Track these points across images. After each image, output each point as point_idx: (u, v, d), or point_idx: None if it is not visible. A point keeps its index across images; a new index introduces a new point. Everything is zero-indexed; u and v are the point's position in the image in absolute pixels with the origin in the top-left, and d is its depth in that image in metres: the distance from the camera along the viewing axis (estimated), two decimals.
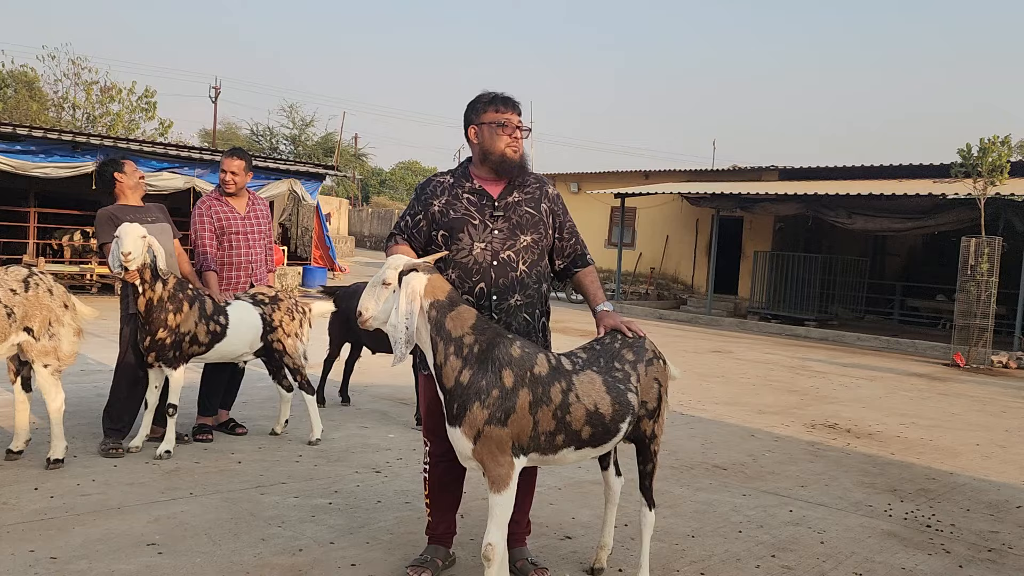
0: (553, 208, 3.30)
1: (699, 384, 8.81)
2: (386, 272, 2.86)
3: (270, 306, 5.17)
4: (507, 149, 3.15)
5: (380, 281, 2.87)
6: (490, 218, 3.16)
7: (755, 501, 4.63)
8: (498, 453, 2.78)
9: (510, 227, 3.16)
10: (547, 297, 3.34)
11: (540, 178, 3.33)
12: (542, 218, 3.23)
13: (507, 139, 3.14)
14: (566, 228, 3.34)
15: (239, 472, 4.55)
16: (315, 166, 18.16)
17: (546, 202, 3.27)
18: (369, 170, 51.29)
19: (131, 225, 4.47)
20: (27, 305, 4.17)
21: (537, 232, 3.21)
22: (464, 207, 3.17)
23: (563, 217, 3.33)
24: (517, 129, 3.17)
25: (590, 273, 3.38)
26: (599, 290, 3.32)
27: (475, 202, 3.18)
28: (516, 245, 3.16)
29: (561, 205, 3.35)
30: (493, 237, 3.14)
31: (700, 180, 20.18)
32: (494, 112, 3.15)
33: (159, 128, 28.81)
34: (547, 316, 3.37)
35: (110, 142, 14.06)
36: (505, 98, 3.18)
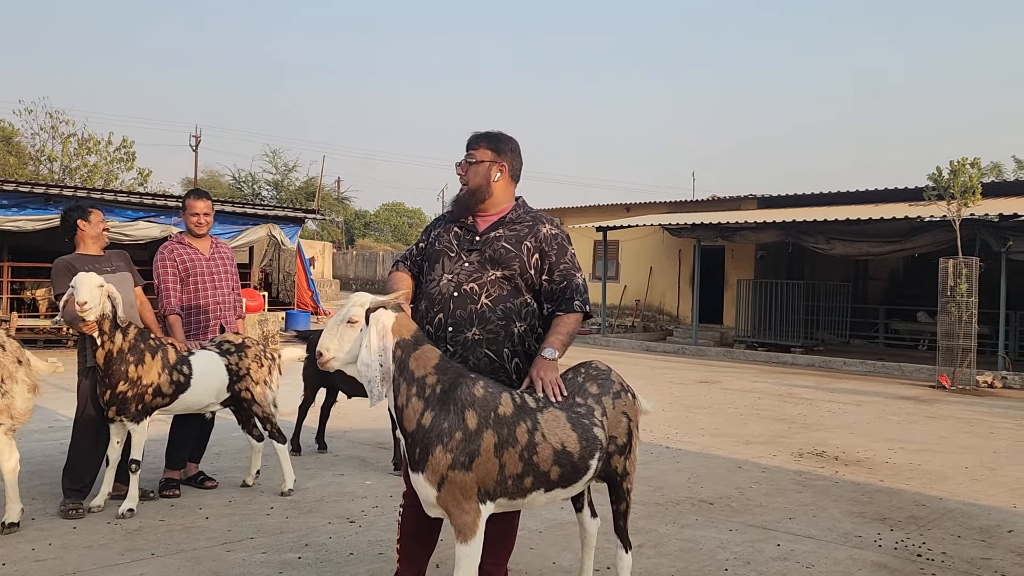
0: (541, 248, 3.12)
1: (686, 416, 8.69)
2: (352, 310, 2.75)
3: (237, 354, 5.03)
4: (461, 183, 3.17)
5: (344, 319, 2.75)
6: (466, 251, 3.11)
7: (742, 536, 4.49)
8: (463, 500, 2.65)
9: (482, 261, 3.08)
10: (523, 338, 3.11)
11: (538, 218, 3.20)
12: (518, 255, 3.08)
13: (460, 175, 3.18)
14: (557, 270, 3.11)
15: (206, 529, 4.37)
16: (294, 210, 18.10)
17: (531, 240, 3.11)
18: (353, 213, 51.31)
19: (87, 274, 4.35)
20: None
21: (510, 269, 3.07)
22: (448, 239, 3.17)
23: (555, 259, 3.12)
24: (459, 164, 3.20)
25: (564, 317, 3.08)
26: (555, 335, 3.03)
27: (460, 235, 3.17)
28: (483, 278, 3.05)
29: (556, 246, 3.13)
30: (462, 269, 3.08)
31: (681, 211, 20.26)
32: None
33: (138, 178, 28.68)
34: (528, 360, 3.11)
35: (84, 193, 13.95)
36: (472, 136, 3.23)
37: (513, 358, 3.09)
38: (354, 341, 2.74)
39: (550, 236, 3.14)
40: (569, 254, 3.16)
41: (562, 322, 3.06)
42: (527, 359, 3.11)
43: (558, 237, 3.15)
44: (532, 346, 3.15)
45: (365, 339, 2.72)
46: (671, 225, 17.80)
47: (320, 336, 6.33)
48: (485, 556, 2.84)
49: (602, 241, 19.65)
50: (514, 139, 3.26)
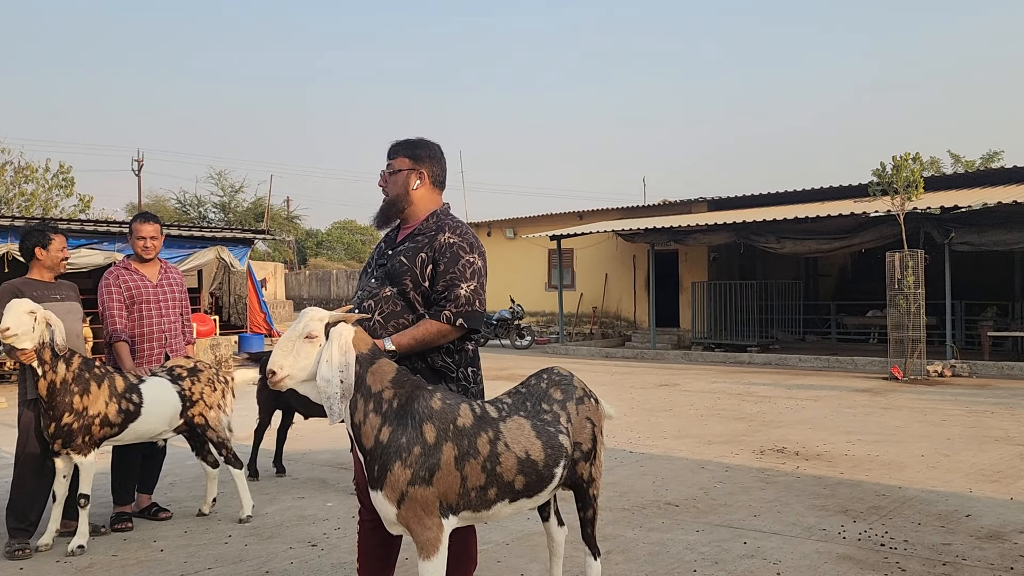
0: (435, 257, 2.94)
1: (647, 419, 8.71)
2: (310, 325, 2.63)
3: (189, 379, 4.88)
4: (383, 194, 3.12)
5: (300, 335, 2.63)
6: (378, 266, 3.05)
7: (708, 536, 4.49)
8: (424, 516, 2.58)
9: (383, 275, 3.01)
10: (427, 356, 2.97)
11: (442, 226, 3.04)
12: (411, 268, 2.95)
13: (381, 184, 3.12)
14: (442, 279, 2.92)
15: (161, 561, 4.22)
16: (243, 231, 17.80)
17: (427, 251, 2.96)
18: (304, 232, 50.72)
19: (18, 300, 4.18)
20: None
21: (401, 283, 2.94)
22: (373, 255, 3.15)
23: (444, 267, 2.92)
24: (381, 174, 3.15)
25: (427, 322, 2.89)
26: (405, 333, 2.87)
27: (382, 249, 3.13)
28: (378, 295, 2.96)
29: (449, 255, 2.94)
30: (370, 286, 3.02)
31: (633, 217, 20.45)
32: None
33: (79, 204, 27.96)
34: (436, 376, 2.99)
35: (21, 222, 13.51)
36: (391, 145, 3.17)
37: (415, 373, 2.89)
38: (312, 357, 2.64)
39: (445, 245, 2.95)
40: (461, 263, 2.94)
41: (421, 325, 2.89)
42: (432, 373, 2.97)
43: (454, 246, 2.95)
44: (439, 360, 2.99)
45: (326, 354, 2.61)
46: (624, 231, 17.94)
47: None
48: (448, 571, 2.77)
49: (556, 250, 19.72)
50: (435, 145, 3.16)
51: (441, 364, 3.01)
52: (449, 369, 3.02)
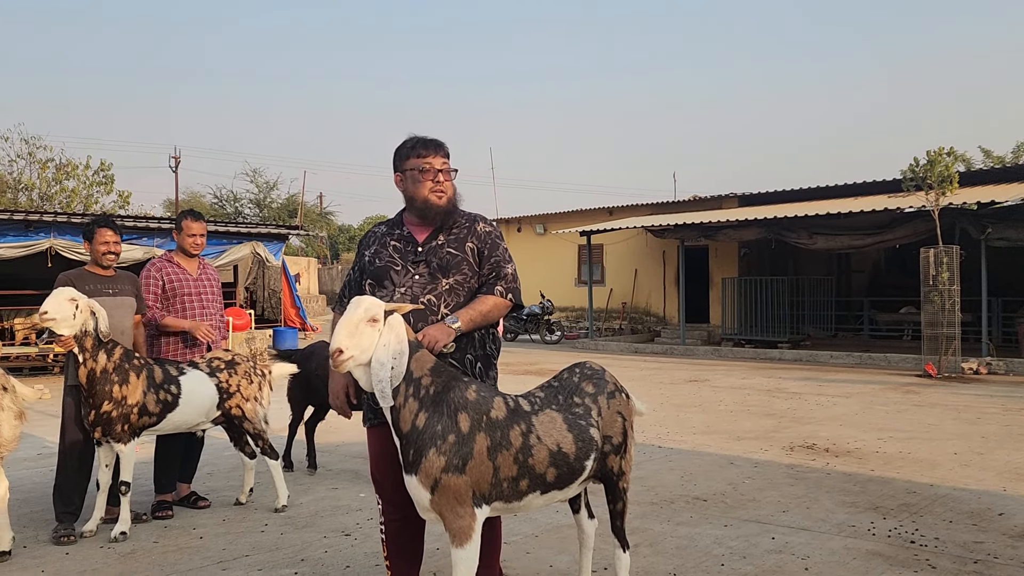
0: (480, 246, 3.15)
1: (676, 415, 8.72)
2: (373, 308, 2.69)
3: (226, 371, 5.01)
4: (431, 195, 3.08)
5: (363, 318, 2.68)
6: (412, 263, 3.09)
7: (736, 531, 4.52)
8: (456, 504, 2.66)
9: (431, 271, 3.07)
10: (483, 340, 3.15)
11: (473, 217, 3.22)
12: (466, 258, 3.10)
13: (430, 184, 3.07)
14: (488, 262, 3.13)
15: (200, 548, 4.35)
16: (277, 227, 18.05)
17: (473, 240, 3.14)
18: (336, 228, 51.20)
19: (62, 288, 4.33)
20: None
21: (461, 273, 3.07)
22: (389, 255, 3.13)
23: (490, 252, 3.15)
24: (440, 173, 3.09)
25: (483, 298, 3.06)
26: (467, 309, 3.00)
27: (400, 248, 3.14)
28: (438, 288, 3.04)
29: (492, 241, 3.17)
30: (414, 282, 3.06)
31: (663, 212, 20.37)
32: (416, 158, 3.09)
33: (118, 201, 28.53)
34: (486, 362, 3.16)
35: (63, 218, 13.86)
36: (427, 142, 3.11)
37: (476, 363, 3.11)
38: (372, 340, 2.68)
39: (485, 233, 3.17)
40: (500, 248, 3.19)
41: (479, 301, 3.06)
42: (486, 360, 3.16)
43: (492, 234, 3.19)
44: (491, 347, 3.19)
45: (384, 339, 2.68)
46: (654, 227, 17.89)
47: (302, 354, 6.23)
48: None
49: (586, 245, 19.72)
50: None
51: (490, 350, 3.19)
52: (494, 356, 3.22)
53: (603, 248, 21.21)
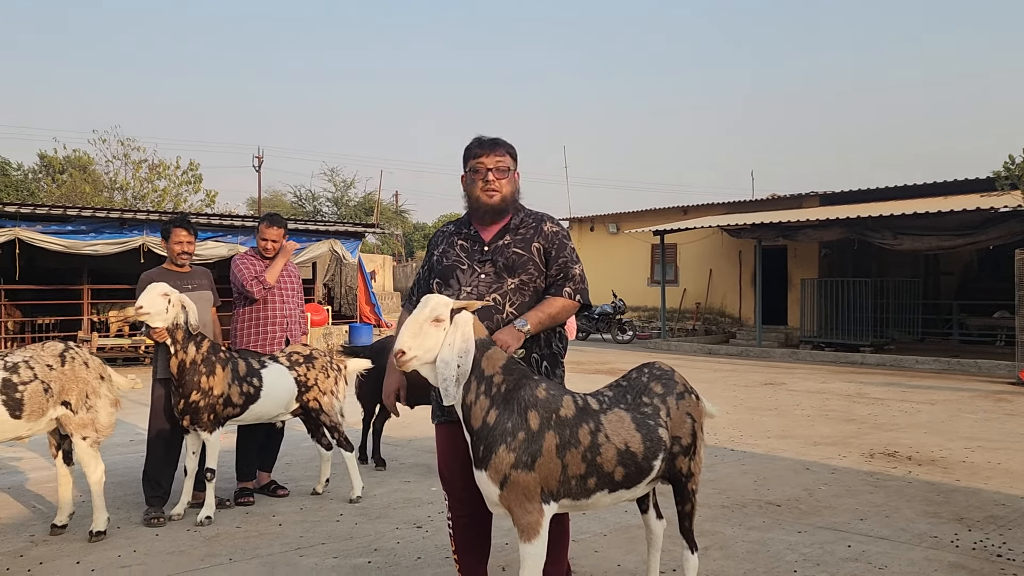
0: (547, 246, 3.16)
1: (750, 418, 8.57)
2: (438, 308, 2.76)
3: (305, 365, 5.18)
4: (482, 194, 3.12)
5: (428, 318, 2.74)
6: (478, 263, 3.13)
7: (811, 538, 4.43)
8: (525, 500, 2.70)
9: (496, 271, 3.10)
10: (548, 339, 3.17)
11: (540, 217, 3.23)
12: (532, 258, 3.11)
13: (480, 183, 3.12)
14: (556, 263, 3.14)
15: (279, 535, 4.51)
16: (354, 225, 18.46)
17: (539, 241, 3.15)
18: (411, 226, 51.99)
19: (155, 284, 4.57)
20: (64, 379, 4.24)
21: (527, 273, 3.10)
22: (456, 253, 3.19)
23: (558, 252, 3.15)
24: (491, 172, 3.12)
25: (551, 299, 3.09)
26: (535, 311, 3.03)
27: (467, 247, 3.18)
28: (503, 287, 3.07)
29: (559, 242, 3.17)
30: (480, 281, 3.10)
31: (740, 211, 19.98)
32: (472, 158, 3.15)
33: (205, 199, 29.68)
34: (552, 360, 3.19)
35: (155, 216, 14.50)
36: (483, 141, 3.16)
37: (543, 361, 3.14)
38: (437, 340, 2.74)
39: (552, 233, 3.18)
40: (568, 249, 3.19)
41: (547, 303, 3.08)
42: (552, 359, 3.19)
43: (559, 234, 3.20)
44: (557, 346, 3.23)
45: (449, 338, 2.74)
46: (730, 226, 17.57)
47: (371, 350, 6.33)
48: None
49: (659, 245, 19.51)
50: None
51: (557, 349, 3.22)
52: (561, 354, 3.25)
53: (677, 247, 20.94)
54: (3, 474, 6.05)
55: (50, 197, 27.43)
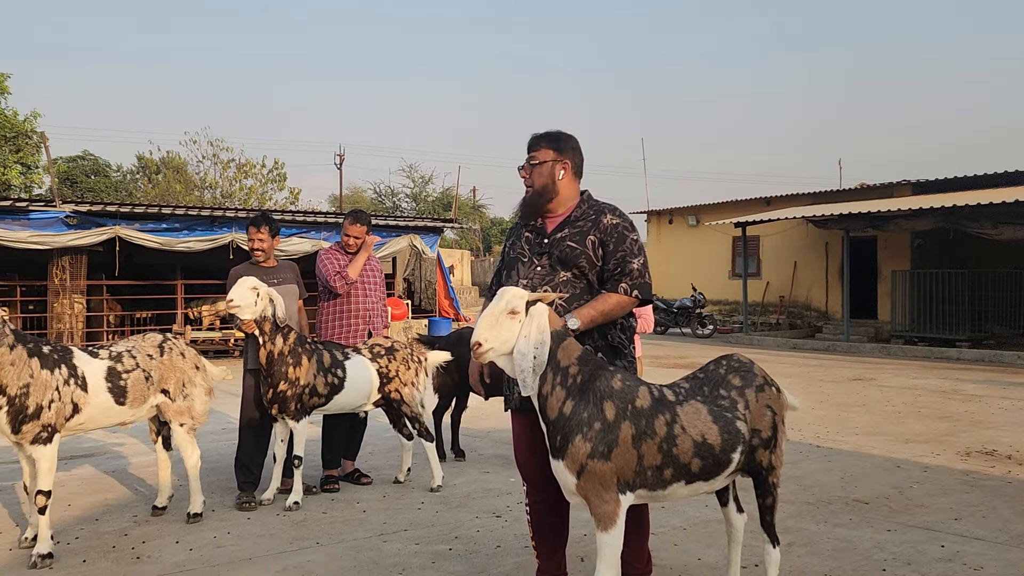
0: (603, 239, 3.10)
1: (837, 414, 8.32)
2: (513, 301, 2.79)
3: (386, 357, 5.30)
4: (526, 186, 3.23)
5: (504, 311, 2.77)
6: (536, 255, 3.17)
7: (901, 537, 4.28)
8: (602, 489, 2.71)
9: (551, 263, 3.12)
10: (606, 332, 3.12)
11: (601, 208, 3.19)
12: (585, 251, 3.09)
13: (523, 179, 3.24)
14: (614, 257, 3.08)
15: (363, 521, 4.64)
16: (432, 220, 18.72)
17: (595, 234, 3.11)
18: (489, 220, 52.34)
19: (245, 278, 4.75)
20: (163, 368, 4.46)
21: (578, 267, 3.08)
22: (520, 246, 3.24)
23: (613, 247, 3.08)
24: (522, 168, 3.24)
25: (605, 296, 3.04)
26: (587, 307, 3.00)
27: (531, 239, 3.23)
28: (554, 280, 3.08)
29: (618, 234, 3.10)
30: (535, 274, 3.14)
31: (826, 202, 19.35)
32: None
33: (289, 197, 30.64)
34: (609, 352, 3.13)
35: (243, 214, 15.04)
36: (530, 139, 3.26)
37: (597, 353, 3.10)
38: (513, 331, 2.79)
39: (610, 226, 3.11)
40: (628, 241, 3.10)
41: (600, 299, 3.04)
42: (610, 349, 3.13)
43: (619, 226, 3.12)
44: (618, 337, 3.16)
45: (525, 330, 2.76)
46: (816, 217, 17.05)
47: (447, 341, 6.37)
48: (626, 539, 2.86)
49: (741, 237, 19.10)
50: (573, 136, 3.29)
51: (617, 341, 3.17)
52: (623, 345, 3.20)
53: (759, 239, 20.46)
54: (108, 458, 6.41)
55: (146, 196, 28.81)
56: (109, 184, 32.96)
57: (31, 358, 3.89)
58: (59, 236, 13.07)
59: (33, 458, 3.95)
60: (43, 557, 3.86)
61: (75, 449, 6.62)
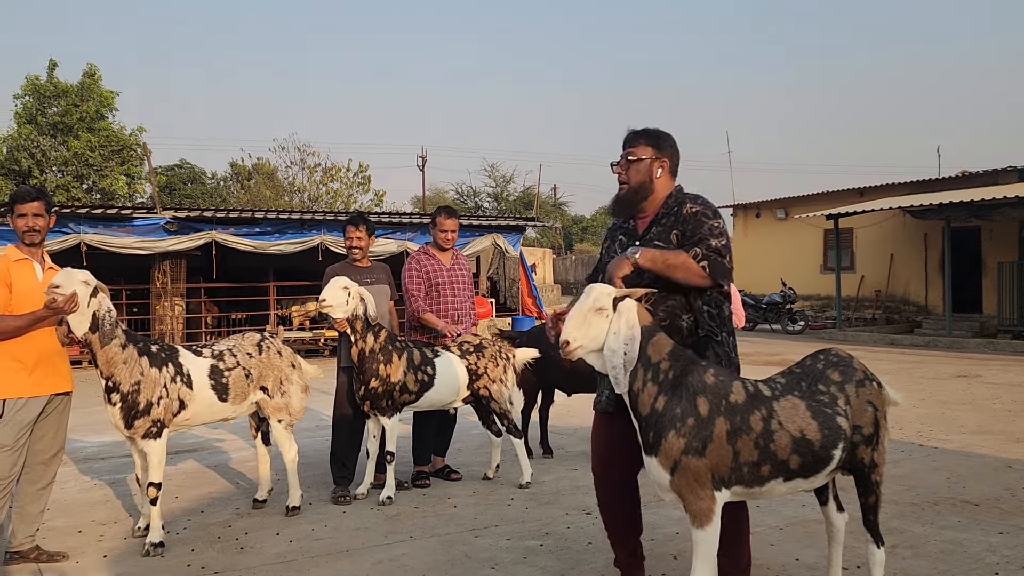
0: (683, 229, 3.03)
1: (941, 412, 7.95)
2: (600, 298, 2.76)
3: (475, 354, 5.36)
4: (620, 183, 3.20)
5: (591, 308, 2.75)
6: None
7: (1015, 540, 4.06)
8: (696, 486, 2.67)
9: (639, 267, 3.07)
10: (691, 330, 3.04)
11: (680, 199, 3.12)
12: (670, 246, 3.03)
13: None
14: (691, 239, 2.99)
15: (455, 516, 4.70)
16: (515, 219, 18.80)
17: (678, 226, 3.05)
18: (570, 219, 52.18)
19: (337, 277, 4.88)
20: (261, 366, 4.63)
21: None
22: (615, 249, 3.23)
23: (694, 230, 3.00)
24: (616, 165, 3.21)
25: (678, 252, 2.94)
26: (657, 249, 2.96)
27: (624, 242, 3.21)
28: (640, 283, 2.98)
29: (696, 220, 3.01)
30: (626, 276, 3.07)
31: (924, 191, 18.50)
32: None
33: (374, 199, 31.27)
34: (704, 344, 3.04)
35: (331, 216, 15.45)
36: (627, 135, 3.23)
37: (681, 329, 3.04)
38: (601, 329, 2.75)
39: (689, 214, 3.03)
40: (707, 225, 2.98)
41: (672, 252, 2.94)
42: (701, 343, 3.05)
43: (697, 213, 3.03)
44: (705, 325, 3.04)
45: (614, 327, 2.74)
46: (914, 207, 16.32)
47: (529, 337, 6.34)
48: (723, 544, 2.81)
49: (833, 230, 18.46)
50: (671, 135, 3.23)
51: (707, 328, 3.06)
52: (714, 333, 3.07)
53: (852, 232, 19.73)
54: (210, 454, 6.69)
55: (238, 202, 29.91)
56: (205, 191, 34.40)
57: (141, 357, 4.10)
58: (160, 241, 13.73)
59: (144, 452, 4.16)
60: (155, 546, 4.06)
61: (179, 445, 6.94)
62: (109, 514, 4.88)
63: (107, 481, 5.74)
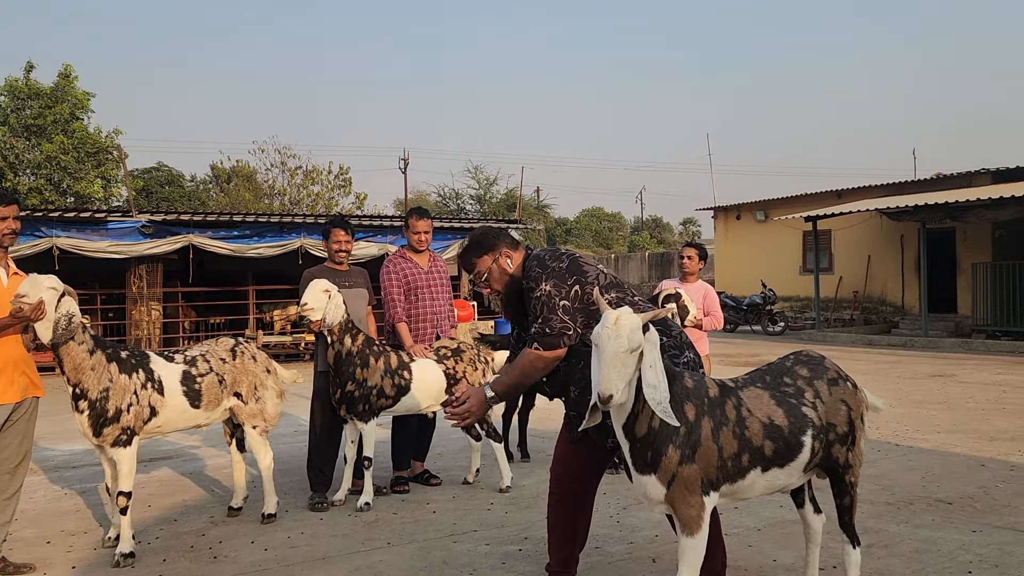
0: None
1: (916, 411, 8.02)
2: (634, 337, 2.52)
3: (453, 358, 5.33)
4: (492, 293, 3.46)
5: (628, 350, 2.51)
6: (605, 289, 3.22)
7: (987, 538, 4.09)
8: (688, 494, 2.68)
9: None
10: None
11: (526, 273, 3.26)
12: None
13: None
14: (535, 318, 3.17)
15: (433, 521, 4.67)
16: (496, 221, 18.79)
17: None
18: (553, 221, 52.24)
19: (316, 280, 4.84)
20: (235, 372, 4.57)
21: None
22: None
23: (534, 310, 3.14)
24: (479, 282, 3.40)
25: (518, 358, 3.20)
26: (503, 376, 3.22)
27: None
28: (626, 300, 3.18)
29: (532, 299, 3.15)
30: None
31: (900, 193, 18.70)
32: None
33: (355, 202, 31.13)
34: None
35: (311, 219, 15.35)
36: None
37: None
38: (633, 366, 2.56)
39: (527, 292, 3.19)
40: (537, 305, 3.10)
41: (512, 365, 3.19)
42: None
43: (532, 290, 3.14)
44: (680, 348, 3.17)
45: (648, 359, 2.55)
46: (890, 209, 16.49)
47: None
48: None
49: (812, 231, 18.60)
50: (483, 226, 3.40)
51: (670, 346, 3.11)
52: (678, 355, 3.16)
53: (831, 234, 19.90)
54: (184, 461, 6.61)
55: (217, 205, 29.68)
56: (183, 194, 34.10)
57: (110, 363, 4.03)
58: (136, 245, 13.58)
59: (114, 460, 4.09)
60: (125, 556, 4.00)
61: (153, 452, 6.85)
62: (79, 524, 4.80)
63: (77, 490, 5.65)
